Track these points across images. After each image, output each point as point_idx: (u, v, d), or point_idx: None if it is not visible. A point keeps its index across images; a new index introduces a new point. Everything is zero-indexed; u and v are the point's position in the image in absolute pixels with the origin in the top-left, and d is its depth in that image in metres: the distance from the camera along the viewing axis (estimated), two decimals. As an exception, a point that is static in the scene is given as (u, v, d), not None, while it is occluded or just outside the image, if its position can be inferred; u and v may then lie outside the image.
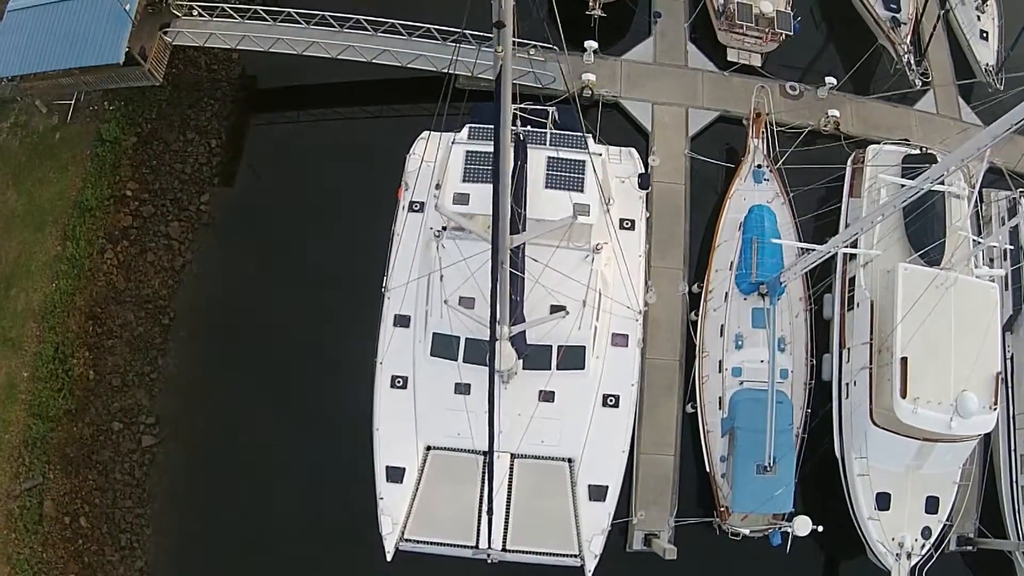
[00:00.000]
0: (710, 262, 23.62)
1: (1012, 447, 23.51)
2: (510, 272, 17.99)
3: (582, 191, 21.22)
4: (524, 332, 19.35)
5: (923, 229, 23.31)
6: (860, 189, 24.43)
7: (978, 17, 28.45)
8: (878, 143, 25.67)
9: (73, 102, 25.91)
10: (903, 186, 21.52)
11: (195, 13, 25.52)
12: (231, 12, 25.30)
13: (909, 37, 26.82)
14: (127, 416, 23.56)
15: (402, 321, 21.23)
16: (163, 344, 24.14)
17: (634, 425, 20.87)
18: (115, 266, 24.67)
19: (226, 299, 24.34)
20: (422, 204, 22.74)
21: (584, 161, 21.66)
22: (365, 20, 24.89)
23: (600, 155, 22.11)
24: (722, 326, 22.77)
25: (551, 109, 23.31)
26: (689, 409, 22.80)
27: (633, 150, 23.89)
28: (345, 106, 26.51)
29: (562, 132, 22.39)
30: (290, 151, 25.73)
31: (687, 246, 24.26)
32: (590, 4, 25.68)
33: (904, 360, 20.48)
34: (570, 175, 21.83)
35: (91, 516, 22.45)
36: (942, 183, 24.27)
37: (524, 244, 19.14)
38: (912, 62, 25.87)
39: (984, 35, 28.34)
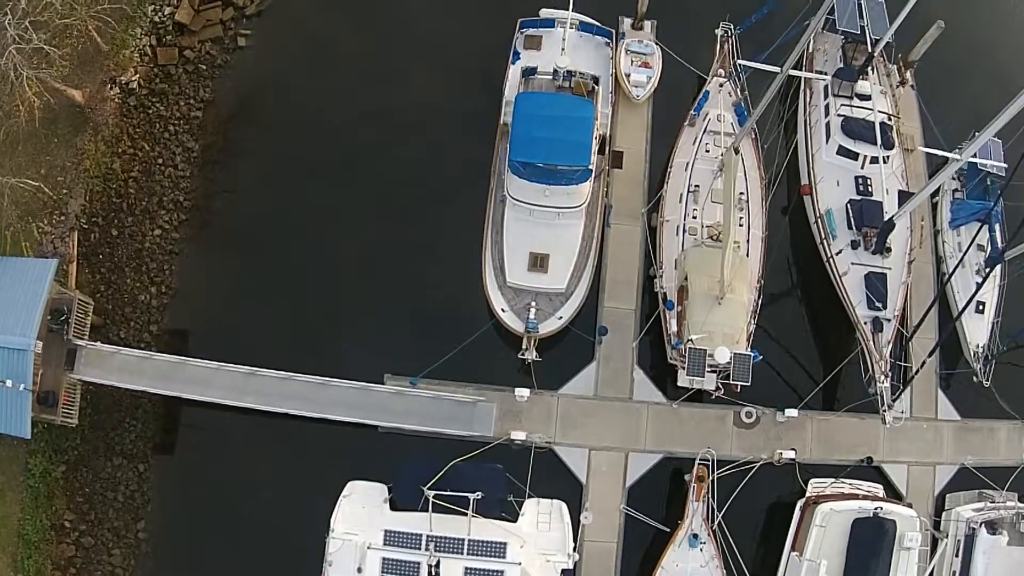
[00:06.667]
0: (633, 633, 23.48)
1: None
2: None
3: (502, 606, 21.19)
4: None
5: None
6: (804, 543, 23.23)
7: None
8: (838, 466, 24.11)
9: None
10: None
11: (98, 343, 23.76)
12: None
13: (891, 346, 23.54)
14: None
15: None
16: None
17: None
18: (67, 594, 25.59)
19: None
20: (345, 585, 22.86)
21: (503, 572, 21.33)
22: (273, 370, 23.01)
23: (520, 564, 21.43)
24: None
25: (472, 496, 22.15)
26: None
27: (564, 506, 22.69)
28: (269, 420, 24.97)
29: (480, 540, 21.57)
30: (215, 478, 24.90)
31: (613, 620, 23.72)
32: (523, 345, 22.95)
33: None
34: (488, 590, 21.49)
35: None
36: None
37: None
38: (887, 394, 22.84)
39: (980, 308, 24.70)
